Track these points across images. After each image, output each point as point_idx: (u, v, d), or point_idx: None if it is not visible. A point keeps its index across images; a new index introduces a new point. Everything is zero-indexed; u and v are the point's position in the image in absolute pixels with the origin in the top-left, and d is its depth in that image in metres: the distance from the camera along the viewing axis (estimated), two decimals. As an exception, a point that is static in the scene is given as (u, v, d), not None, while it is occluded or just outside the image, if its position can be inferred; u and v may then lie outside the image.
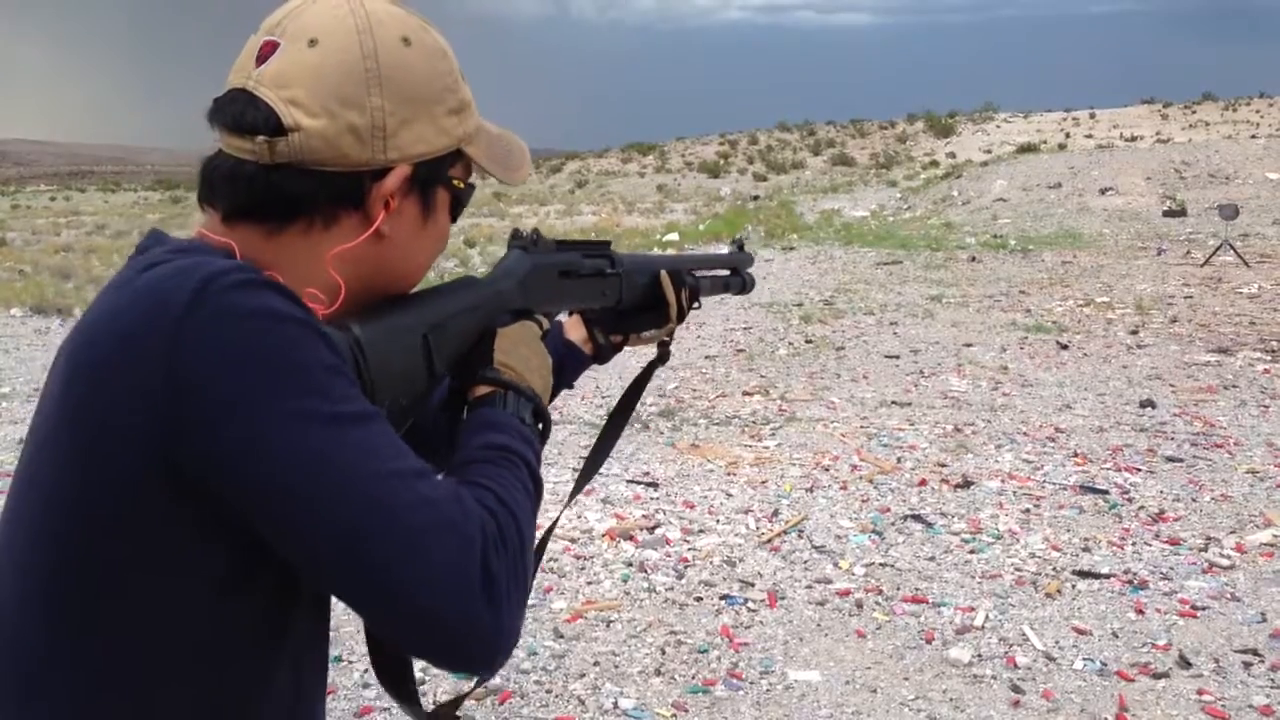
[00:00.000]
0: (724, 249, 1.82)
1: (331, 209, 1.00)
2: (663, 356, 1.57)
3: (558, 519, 1.61)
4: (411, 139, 1.02)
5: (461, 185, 1.11)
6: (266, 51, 1.00)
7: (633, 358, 2.20)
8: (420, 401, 1.11)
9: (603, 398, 7.65)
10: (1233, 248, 14.93)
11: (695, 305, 1.58)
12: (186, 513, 0.89)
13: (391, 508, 0.87)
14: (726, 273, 1.74)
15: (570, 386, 1.50)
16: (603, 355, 1.51)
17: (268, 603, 0.96)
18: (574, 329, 1.49)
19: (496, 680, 3.72)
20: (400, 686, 1.18)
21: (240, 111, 0.98)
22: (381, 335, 1.04)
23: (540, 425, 1.15)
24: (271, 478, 0.86)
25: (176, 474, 0.87)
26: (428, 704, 1.33)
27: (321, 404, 0.87)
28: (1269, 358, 8.87)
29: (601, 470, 5.83)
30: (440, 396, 1.27)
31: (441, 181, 1.08)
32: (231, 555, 0.91)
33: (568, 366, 1.46)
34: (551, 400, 1.52)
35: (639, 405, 1.78)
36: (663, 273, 1.50)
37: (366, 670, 3.65)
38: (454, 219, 1.13)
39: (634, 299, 1.48)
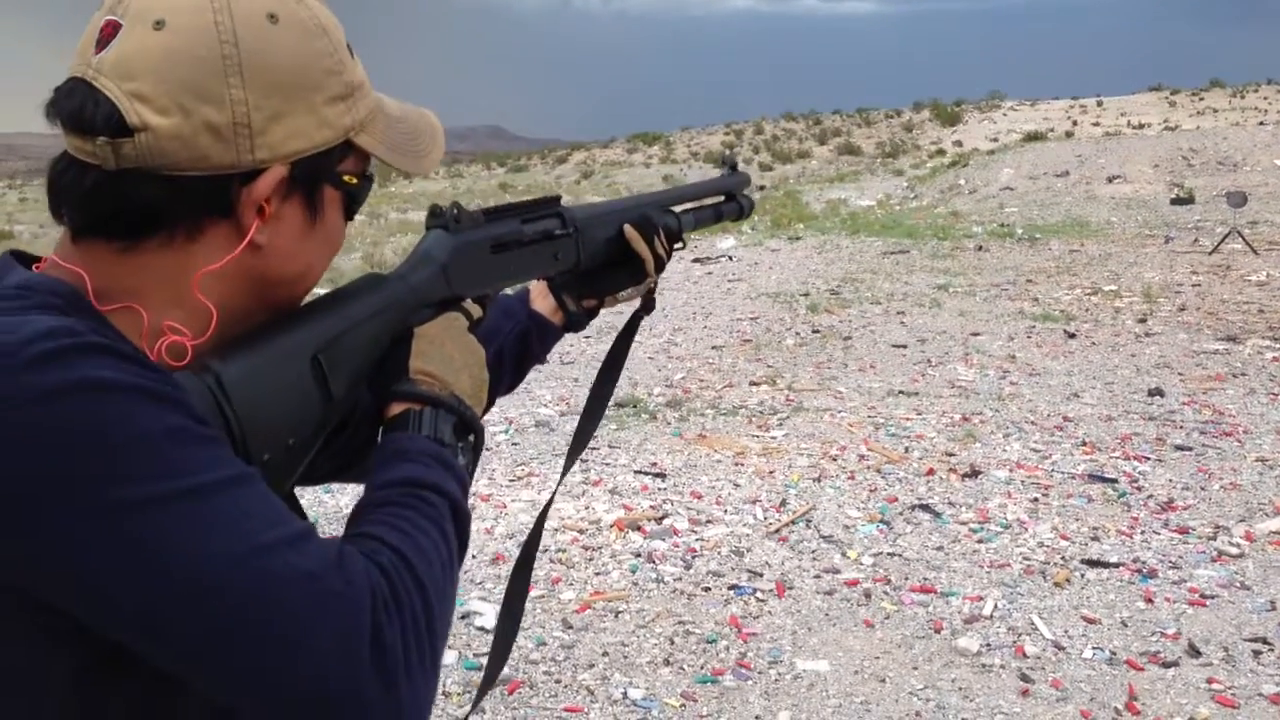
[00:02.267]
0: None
1: (194, 219, 0.86)
2: (647, 306, 1.43)
3: (554, 495, 1.54)
4: (285, 135, 0.87)
5: (355, 181, 0.96)
6: (108, 33, 0.84)
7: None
8: (317, 436, 0.96)
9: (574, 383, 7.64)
10: (1241, 235, 14.86)
11: (679, 245, 1.42)
12: (27, 614, 0.77)
13: (260, 590, 0.75)
14: (719, 199, 1.58)
15: (543, 361, 1.41)
16: (575, 323, 1.39)
17: (147, 690, 0.83)
18: (540, 298, 1.38)
19: (506, 670, 3.73)
20: None
21: (78, 107, 0.83)
22: (251, 371, 0.89)
23: (472, 436, 1.02)
24: (105, 581, 0.73)
25: (3, 584, 0.75)
26: None
27: (160, 483, 0.74)
28: (1278, 345, 8.83)
29: (608, 461, 5.82)
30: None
31: (327, 179, 0.93)
32: (91, 648, 0.79)
33: (534, 340, 1.36)
34: (515, 384, 1.41)
35: (648, 398, 1.71)
36: (626, 227, 1.34)
37: None
38: (349, 217, 0.99)
39: (597, 256, 1.32)
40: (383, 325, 1.02)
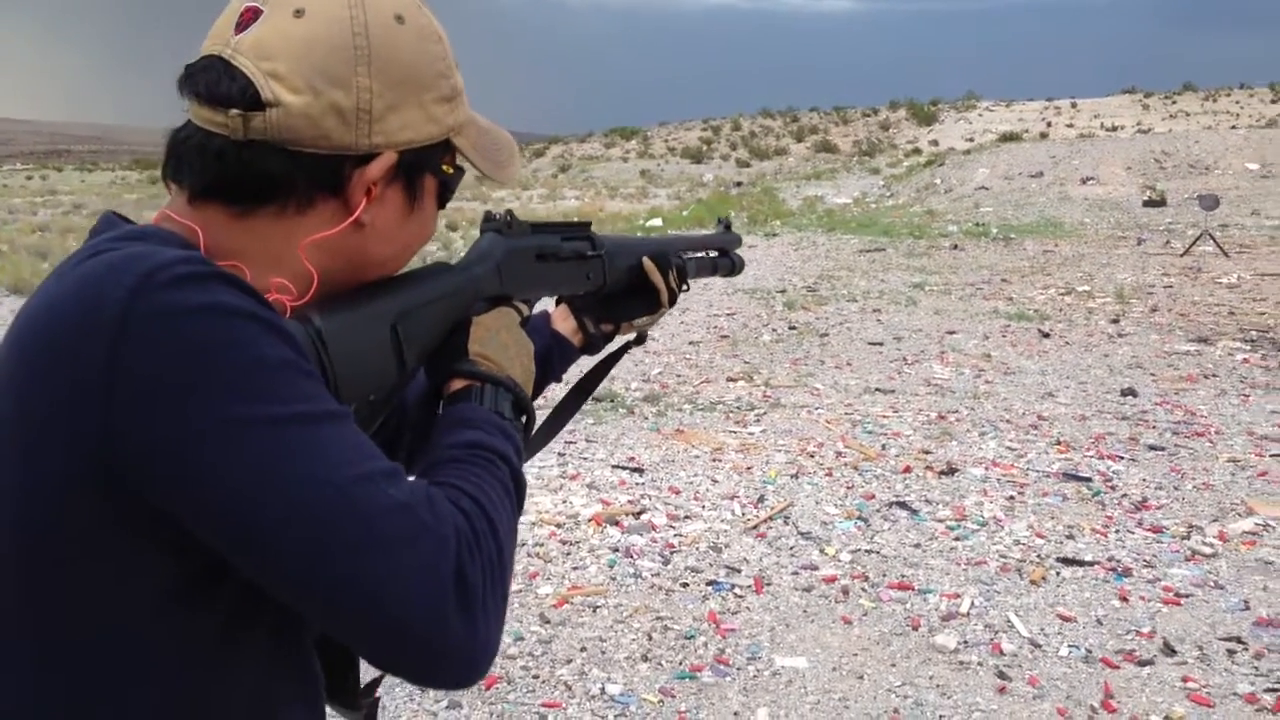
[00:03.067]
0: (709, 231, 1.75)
1: (308, 193, 0.93)
2: (640, 338, 1.50)
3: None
4: (399, 125, 0.95)
5: (450, 171, 1.04)
6: (248, 18, 0.92)
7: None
8: (391, 397, 1.05)
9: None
10: (1212, 238, 15.01)
11: (684, 288, 1.51)
12: (130, 521, 0.81)
13: (357, 514, 0.80)
14: (715, 254, 1.68)
15: (559, 380, 1.45)
16: (593, 345, 1.45)
17: (231, 612, 0.88)
18: (562, 320, 1.43)
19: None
20: (342, 686, 1.09)
21: (214, 81, 0.90)
22: (346, 326, 0.96)
23: (523, 417, 1.08)
24: (218, 490, 0.79)
25: (117, 483, 0.80)
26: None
27: (276, 406, 0.80)
28: (1248, 347, 8.92)
29: (586, 455, 5.80)
30: (416, 392, 1.21)
31: (429, 169, 1.01)
32: (183, 568, 0.84)
33: (556, 359, 1.42)
34: (539, 393, 1.42)
35: (625, 393, 1.71)
36: (645, 259, 1.43)
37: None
38: (442, 206, 1.06)
39: (618, 283, 1.41)
40: (448, 309, 1.09)
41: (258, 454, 0.79)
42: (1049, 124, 60.25)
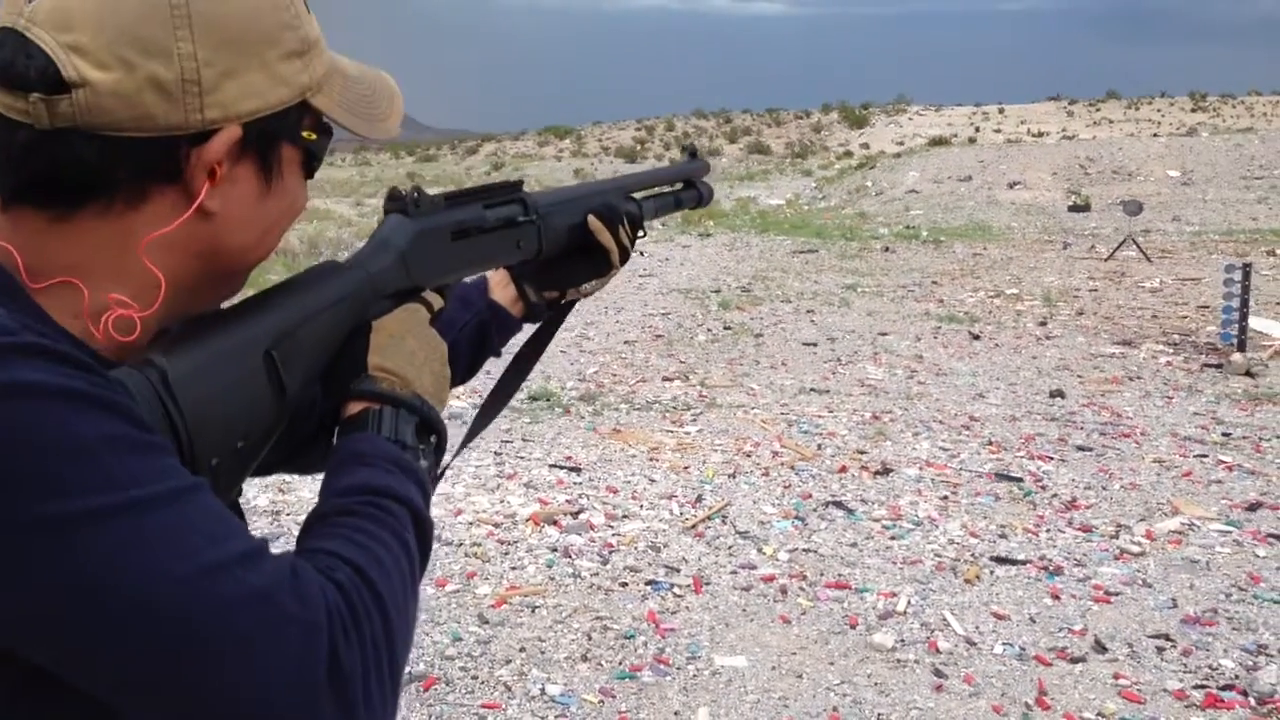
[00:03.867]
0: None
1: (137, 184, 0.78)
2: (586, 292, 1.36)
3: (445, 465, 1.16)
4: (238, 93, 0.80)
5: (314, 137, 0.89)
6: None
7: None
8: (268, 436, 0.89)
9: (525, 380, 7.59)
10: (1136, 243, 15.34)
11: (641, 234, 1.36)
12: None
13: (206, 612, 0.68)
14: (679, 186, 1.53)
15: (498, 354, 1.35)
16: (535, 315, 1.33)
17: (88, 708, 0.74)
18: (501, 288, 1.31)
19: (420, 667, 3.67)
20: None
21: (8, 60, 0.75)
22: (201, 366, 0.81)
23: (434, 437, 0.95)
24: (36, 605, 0.66)
25: None
26: None
27: (98, 496, 0.67)
28: (1171, 350, 9.13)
29: (522, 454, 5.75)
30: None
31: (285, 138, 0.86)
32: (14, 676, 0.72)
33: (494, 332, 1.31)
34: (476, 369, 1.35)
35: (561, 392, 1.58)
36: (590, 218, 1.27)
37: None
38: (309, 175, 0.91)
39: (558, 245, 1.25)
40: (339, 317, 0.94)
41: (80, 556, 0.66)
42: (977, 129, 61.28)
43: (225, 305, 0.94)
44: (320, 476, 0.92)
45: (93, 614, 0.66)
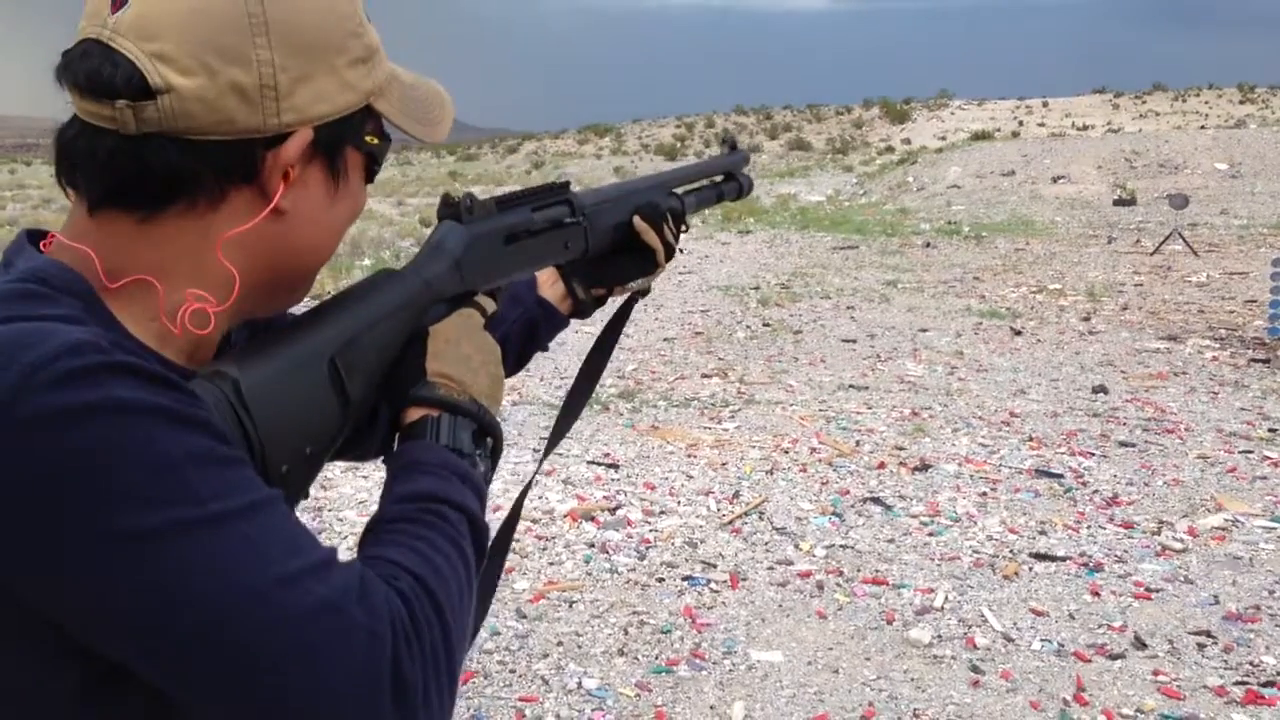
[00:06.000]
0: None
1: (217, 185, 0.83)
2: (644, 290, 1.40)
3: (526, 490, 1.37)
4: (310, 97, 0.84)
5: (376, 141, 0.94)
6: None
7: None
8: (333, 442, 0.93)
9: (561, 378, 7.64)
10: (1182, 237, 15.15)
11: (684, 229, 1.39)
12: (26, 633, 0.74)
13: (280, 623, 0.72)
14: (720, 178, 1.55)
15: (545, 349, 1.39)
16: (583, 311, 1.37)
17: (150, 702, 0.79)
18: (549, 285, 1.35)
19: (459, 660, 3.71)
20: None
21: (94, 69, 0.79)
22: (272, 376, 0.85)
23: (489, 440, 0.99)
24: (121, 612, 0.70)
25: (6, 597, 0.72)
26: None
27: (183, 509, 0.71)
28: (1217, 345, 9.01)
29: (561, 451, 5.80)
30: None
31: (351, 142, 0.91)
32: (89, 669, 0.76)
33: (542, 328, 1.34)
34: (523, 365, 1.38)
35: (600, 389, 1.59)
36: (636, 218, 1.31)
37: None
38: (369, 180, 0.96)
39: (605, 243, 1.28)
40: (398, 324, 0.98)
41: (164, 567, 0.70)
42: (1020, 123, 60.66)
43: (290, 312, 0.98)
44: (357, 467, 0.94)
45: (170, 620, 0.70)
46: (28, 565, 0.70)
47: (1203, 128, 37.75)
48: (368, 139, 0.92)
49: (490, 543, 1.25)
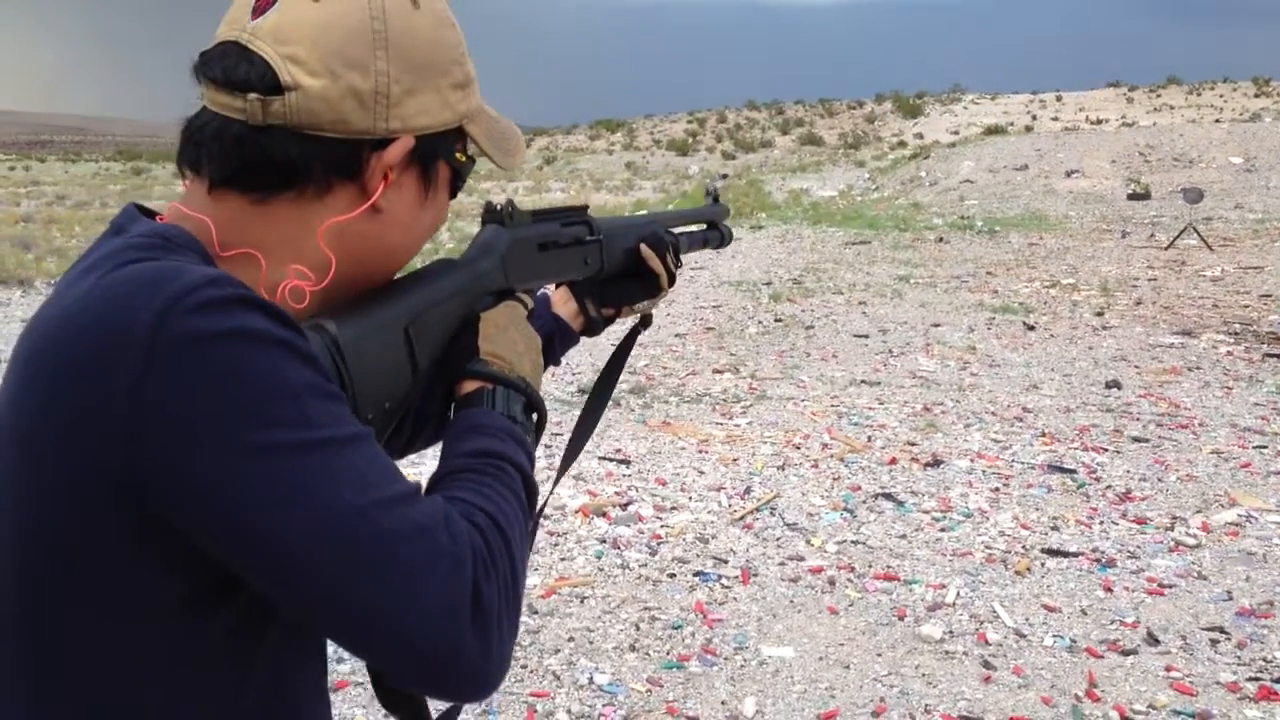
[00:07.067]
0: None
1: (326, 178, 0.93)
2: (646, 321, 1.52)
3: (545, 503, 1.32)
4: (415, 109, 0.95)
5: (463, 159, 1.04)
6: (264, 4, 0.92)
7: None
8: (405, 402, 1.04)
9: (573, 374, 7.65)
10: (1196, 231, 15.08)
11: (678, 265, 1.50)
12: (145, 538, 0.81)
13: (380, 540, 0.81)
14: (704, 227, 1.68)
15: (558, 364, 1.45)
16: (593, 328, 1.46)
17: (244, 616, 0.88)
18: (563, 303, 1.43)
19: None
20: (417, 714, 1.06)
21: (232, 65, 0.90)
22: (361, 334, 0.96)
23: (535, 416, 1.08)
24: (242, 515, 0.79)
25: (135, 502, 0.79)
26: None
27: (302, 431, 0.80)
28: (1231, 340, 8.98)
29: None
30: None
31: (443, 156, 1.01)
32: (195, 579, 0.84)
33: (556, 343, 1.41)
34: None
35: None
36: (642, 245, 1.42)
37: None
38: (453, 196, 1.06)
39: (615, 266, 1.41)
40: (455, 307, 1.09)
41: (283, 480, 0.79)
42: (1034, 117, 60.43)
43: None
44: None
45: (288, 529, 0.79)
46: (164, 470, 0.78)
47: (1217, 121, 37.56)
48: (458, 156, 1.03)
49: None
